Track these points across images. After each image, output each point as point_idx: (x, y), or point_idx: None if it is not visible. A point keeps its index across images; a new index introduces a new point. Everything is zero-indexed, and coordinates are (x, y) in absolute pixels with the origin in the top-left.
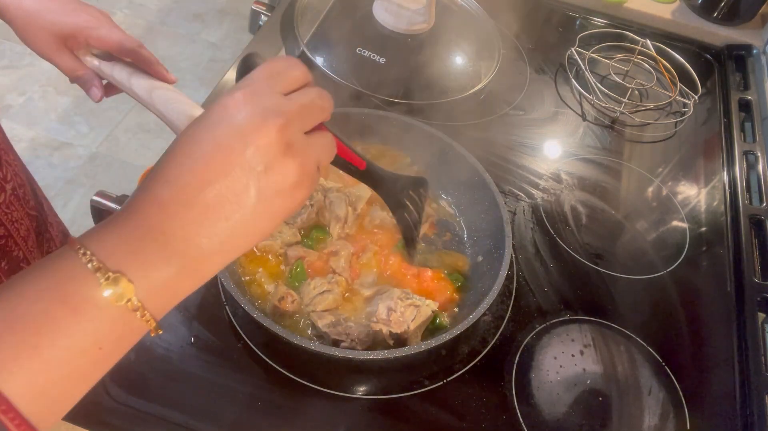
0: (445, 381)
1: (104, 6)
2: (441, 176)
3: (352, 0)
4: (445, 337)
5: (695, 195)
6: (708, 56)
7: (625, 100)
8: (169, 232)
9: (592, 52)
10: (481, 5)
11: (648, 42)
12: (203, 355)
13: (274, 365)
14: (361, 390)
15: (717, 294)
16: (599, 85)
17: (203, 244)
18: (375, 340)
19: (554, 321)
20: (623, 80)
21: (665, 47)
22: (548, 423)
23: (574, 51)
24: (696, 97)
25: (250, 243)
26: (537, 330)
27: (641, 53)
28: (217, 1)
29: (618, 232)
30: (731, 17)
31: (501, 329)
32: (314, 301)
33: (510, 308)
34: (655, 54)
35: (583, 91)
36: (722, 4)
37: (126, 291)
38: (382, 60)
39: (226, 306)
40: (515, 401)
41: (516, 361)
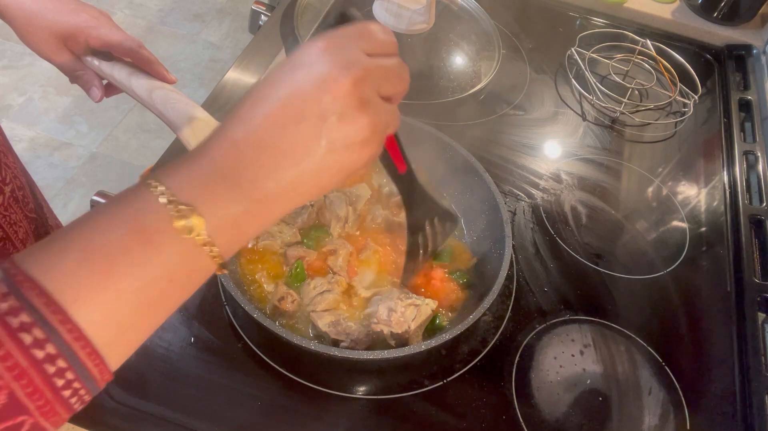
0: (445, 381)
1: (104, 6)
2: (441, 176)
3: (352, 0)
4: (445, 337)
5: (695, 195)
6: (708, 56)
7: (625, 100)
8: (238, 171)
9: (592, 52)
10: (481, 5)
11: (648, 42)
12: (203, 355)
13: (274, 365)
14: (361, 390)
15: (717, 294)
16: (599, 85)
17: (269, 187)
18: (375, 340)
19: (554, 321)
20: (623, 80)
21: (665, 47)
22: (548, 423)
23: (574, 51)
24: (696, 97)
25: (314, 193)
26: (537, 330)
27: (641, 53)
28: (217, 1)
29: (618, 232)
30: (731, 17)
31: (501, 329)
32: (314, 301)
33: (510, 308)
34: (655, 54)
35: (583, 91)
36: (722, 4)
37: (196, 224)
38: None
39: (226, 306)
40: (515, 401)
41: (516, 361)
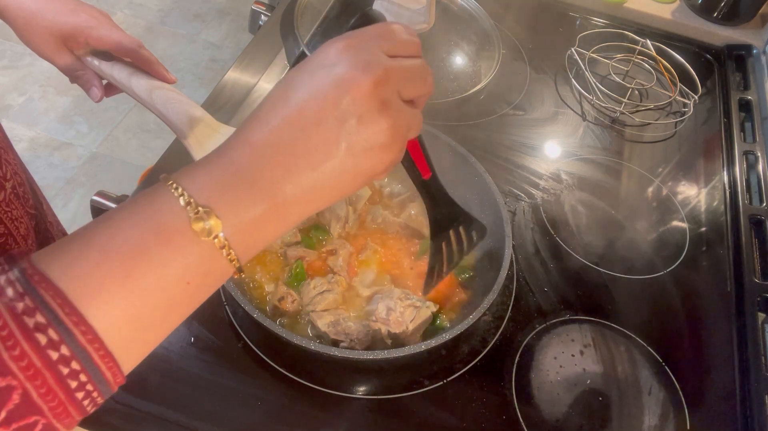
0: (445, 381)
1: (104, 6)
2: (440, 176)
3: (352, 0)
4: (445, 337)
5: (695, 195)
6: (708, 56)
7: (625, 100)
8: (257, 173)
9: (592, 52)
10: (481, 5)
11: (648, 42)
12: (203, 355)
13: (274, 365)
14: (361, 390)
15: (717, 294)
16: (599, 85)
17: (287, 190)
18: (374, 340)
19: (554, 321)
20: (623, 80)
21: (665, 47)
22: (548, 423)
23: (574, 51)
24: (696, 97)
25: (333, 198)
26: (537, 330)
27: (641, 53)
28: (217, 1)
29: (618, 232)
30: (731, 17)
31: (501, 329)
32: (314, 301)
33: (510, 308)
34: (655, 54)
35: (583, 91)
36: (722, 4)
37: (214, 226)
38: None
39: (226, 306)
40: (515, 401)
41: (516, 361)
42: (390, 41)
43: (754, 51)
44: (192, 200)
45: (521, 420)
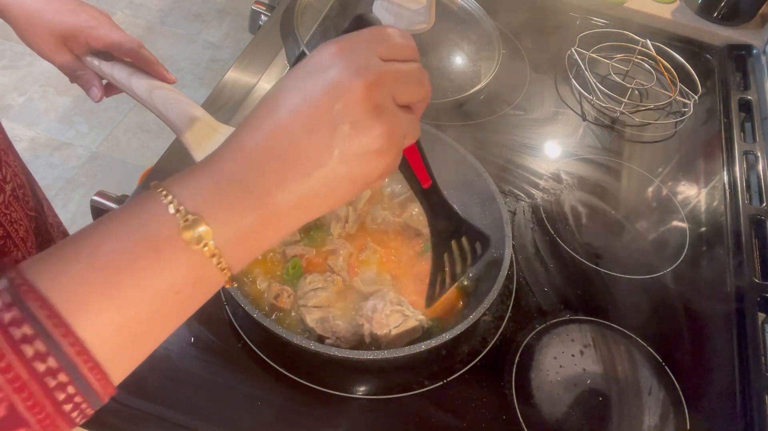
0: (445, 381)
1: (104, 6)
2: (440, 176)
3: (352, 0)
4: (445, 337)
5: (695, 195)
6: (708, 56)
7: (625, 100)
8: (249, 180)
9: (592, 52)
10: (481, 5)
11: (648, 42)
12: (203, 355)
13: (274, 365)
14: (361, 390)
15: (717, 294)
16: (599, 85)
17: (280, 198)
18: (360, 340)
19: (554, 321)
20: (623, 80)
21: (665, 47)
22: (548, 423)
23: (574, 51)
24: (696, 97)
25: (327, 206)
26: (537, 330)
27: (641, 53)
28: (217, 1)
29: (618, 232)
30: (731, 17)
31: (501, 329)
32: (307, 295)
33: (510, 308)
34: (655, 54)
35: (583, 91)
36: (722, 4)
37: (204, 235)
38: None
39: (226, 306)
40: (515, 401)
41: (516, 361)
42: (384, 45)
43: (754, 51)
44: (182, 207)
45: (521, 420)
